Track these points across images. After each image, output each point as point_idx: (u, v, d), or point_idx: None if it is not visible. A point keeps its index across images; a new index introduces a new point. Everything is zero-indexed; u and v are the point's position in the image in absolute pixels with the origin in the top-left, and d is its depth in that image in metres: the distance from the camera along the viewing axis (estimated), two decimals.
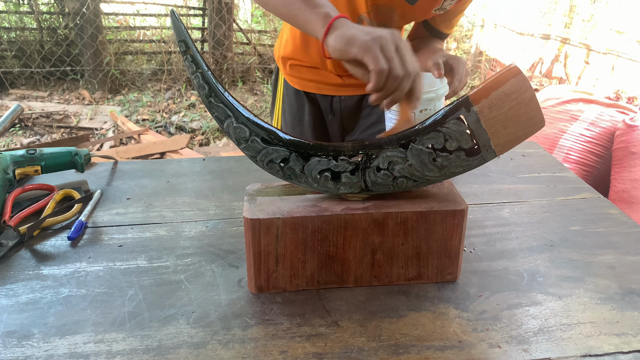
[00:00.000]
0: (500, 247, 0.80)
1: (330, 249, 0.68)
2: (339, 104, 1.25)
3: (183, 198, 0.95)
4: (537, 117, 0.63)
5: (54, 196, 0.89)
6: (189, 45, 0.65)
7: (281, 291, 0.70)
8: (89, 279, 0.72)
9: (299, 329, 0.63)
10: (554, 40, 4.42)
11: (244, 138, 0.67)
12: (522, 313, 0.66)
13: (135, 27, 5.06)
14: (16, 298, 0.68)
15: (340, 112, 1.26)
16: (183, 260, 0.76)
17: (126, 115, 3.97)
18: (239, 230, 0.84)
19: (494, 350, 0.60)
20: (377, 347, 0.60)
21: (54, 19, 4.72)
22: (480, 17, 4.78)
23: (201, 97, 0.67)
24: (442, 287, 0.71)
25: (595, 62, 4.30)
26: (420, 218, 0.67)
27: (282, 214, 0.66)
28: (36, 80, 4.47)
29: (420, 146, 0.65)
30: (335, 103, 1.25)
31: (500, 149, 0.65)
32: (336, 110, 1.26)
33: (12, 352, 0.59)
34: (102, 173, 1.05)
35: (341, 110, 1.26)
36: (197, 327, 0.63)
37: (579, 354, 0.60)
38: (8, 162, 0.91)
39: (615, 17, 4.09)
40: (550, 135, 2.27)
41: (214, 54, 4.66)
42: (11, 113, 1.10)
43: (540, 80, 4.66)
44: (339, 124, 1.28)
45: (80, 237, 0.82)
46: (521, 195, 0.96)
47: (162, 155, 3.18)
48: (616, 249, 0.80)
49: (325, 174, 0.67)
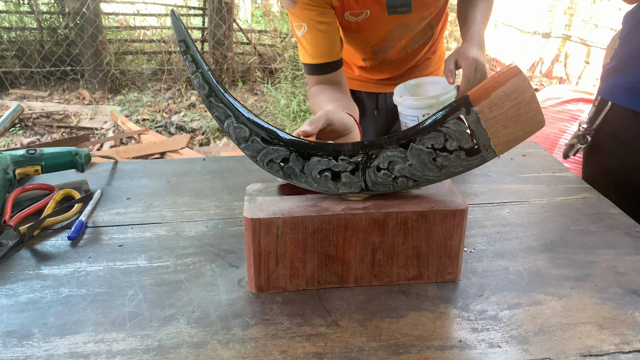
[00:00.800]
0: (500, 247, 0.80)
1: (330, 249, 0.68)
2: (384, 100, 1.30)
3: (183, 198, 0.95)
4: (537, 117, 0.63)
5: (54, 196, 0.89)
6: (189, 45, 0.65)
7: (281, 291, 0.70)
8: (89, 278, 0.72)
9: (299, 329, 0.63)
10: (554, 38, 4.42)
11: (244, 138, 0.67)
12: (522, 313, 0.66)
13: (135, 27, 5.07)
14: (16, 298, 0.68)
15: (385, 108, 1.30)
16: (183, 260, 0.76)
17: (126, 115, 3.97)
18: (239, 230, 0.84)
19: (494, 350, 0.60)
20: (377, 347, 0.60)
21: (54, 18, 4.73)
22: None
23: (201, 97, 0.67)
24: (442, 287, 0.71)
25: (595, 62, 4.30)
26: (420, 218, 0.67)
27: (282, 214, 0.66)
28: (36, 80, 4.47)
29: (420, 146, 0.65)
30: (381, 100, 1.30)
31: (501, 149, 0.65)
32: (381, 107, 1.31)
33: (13, 351, 0.59)
34: (102, 173, 1.05)
35: (386, 107, 1.30)
36: (197, 326, 0.63)
37: (579, 354, 0.60)
38: (8, 162, 0.91)
39: (614, 17, 4.09)
40: (550, 135, 2.27)
41: (214, 54, 4.66)
42: (11, 113, 1.10)
43: (540, 80, 4.66)
44: (384, 120, 1.31)
45: (80, 237, 0.82)
46: (521, 195, 0.96)
47: (162, 155, 3.18)
48: (616, 249, 0.80)
49: (325, 174, 0.67)
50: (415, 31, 1.12)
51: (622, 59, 1.06)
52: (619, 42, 1.08)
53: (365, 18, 1.03)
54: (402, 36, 1.11)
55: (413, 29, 1.11)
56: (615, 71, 1.07)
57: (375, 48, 1.15)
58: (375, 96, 1.30)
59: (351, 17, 1.03)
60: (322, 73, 1.06)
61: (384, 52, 1.16)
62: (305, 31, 1.02)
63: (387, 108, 1.30)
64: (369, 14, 1.02)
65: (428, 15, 1.10)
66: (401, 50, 1.17)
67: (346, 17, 1.03)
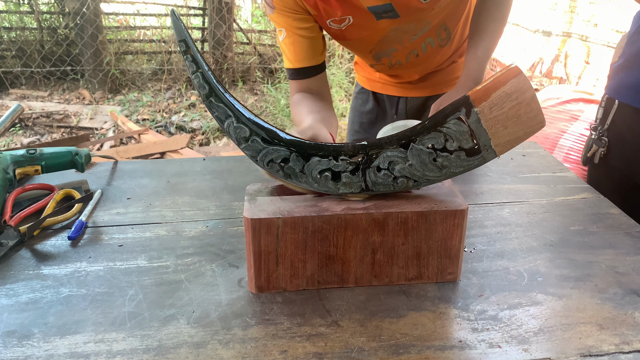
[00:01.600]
0: (501, 247, 0.80)
1: (330, 249, 0.68)
2: (405, 104, 1.30)
3: (183, 198, 0.95)
4: (537, 117, 0.63)
5: (54, 196, 0.89)
6: (189, 45, 0.65)
7: (281, 291, 0.70)
8: (89, 278, 0.72)
9: (299, 329, 0.63)
10: (555, 36, 4.42)
11: (245, 138, 0.67)
12: (522, 313, 0.66)
13: (135, 27, 5.07)
14: (16, 298, 0.68)
15: (405, 112, 1.31)
16: (183, 260, 0.76)
17: (126, 115, 3.97)
18: (239, 230, 0.84)
19: (494, 350, 0.60)
20: (377, 347, 0.60)
21: (54, 18, 4.73)
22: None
23: (201, 97, 0.67)
24: (442, 287, 0.71)
25: (595, 62, 4.30)
26: (420, 218, 0.67)
27: (282, 214, 0.66)
28: (36, 80, 4.47)
29: (420, 146, 0.65)
30: (401, 104, 1.30)
31: (501, 149, 0.65)
32: (401, 110, 1.31)
33: (13, 351, 0.59)
34: (102, 173, 1.05)
35: (406, 111, 1.30)
36: (198, 326, 0.63)
37: (579, 354, 0.60)
38: (8, 161, 0.91)
39: (615, 17, 4.09)
40: (550, 135, 2.27)
41: (214, 54, 4.66)
42: (11, 113, 1.10)
43: (540, 80, 4.66)
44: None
45: (80, 236, 0.82)
46: (521, 195, 0.96)
47: (162, 155, 3.18)
48: (616, 249, 0.80)
49: (325, 174, 0.67)
50: (418, 34, 1.11)
51: (629, 57, 1.06)
52: (626, 40, 1.09)
53: (349, 25, 1.02)
54: (401, 40, 1.11)
55: (413, 32, 1.09)
56: (623, 69, 1.08)
57: (374, 54, 1.15)
58: (397, 100, 1.30)
59: (334, 24, 1.02)
60: (302, 77, 1.06)
61: (387, 56, 1.15)
62: (285, 36, 1.03)
63: (406, 113, 1.30)
64: (352, 21, 1.01)
65: (428, 17, 1.08)
66: (409, 53, 1.16)
67: (329, 25, 1.03)
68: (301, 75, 1.06)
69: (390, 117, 1.33)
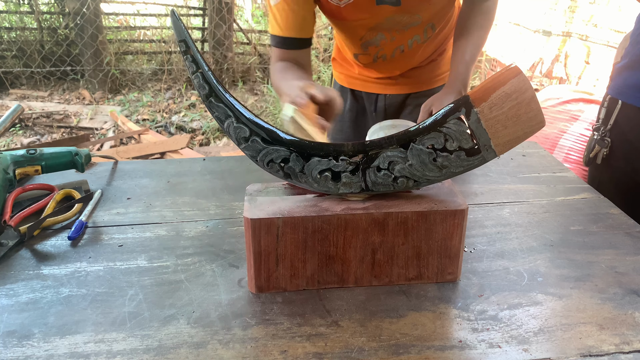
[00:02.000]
0: (500, 247, 0.80)
1: (330, 249, 0.68)
2: (384, 102, 1.29)
3: (183, 198, 0.95)
4: (537, 117, 0.63)
5: (54, 196, 0.89)
6: (189, 45, 0.65)
7: (281, 291, 0.70)
8: (89, 278, 0.72)
9: (299, 329, 0.63)
10: (555, 36, 4.41)
11: (245, 138, 0.67)
12: (522, 313, 0.66)
13: (135, 27, 5.07)
14: (16, 298, 0.68)
15: (384, 109, 1.30)
16: (183, 260, 0.76)
17: (126, 115, 3.97)
18: (239, 230, 0.84)
19: (494, 350, 0.60)
20: (377, 347, 0.60)
21: (54, 18, 4.73)
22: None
23: (201, 97, 0.67)
24: (442, 287, 0.71)
25: (596, 62, 4.30)
26: (420, 218, 0.67)
27: (282, 214, 0.66)
28: (36, 80, 4.47)
29: (420, 146, 0.65)
30: (380, 101, 1.30)
31: (501, 149, 0.65)
32: (380, 108, 1.31)
33: (13, 351, 0.59)
34: (102, 173, 1.05)
35: (385, 108, 1.30)
36: (198, 327, 0.63)
37: (579, 354, 0.60)
38: (8, 162, 0.91)
39: (614, 17, 4.09)
40: (551, 135, 2.26)
41: (214, 54, 4.66)
42: (11, 113, 1.10)
43: (540, 80, 4.66)
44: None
45: (80, 237, 0.82)
46: (521, 195, 0.96)
47: (162, 155, 3.18)
48: (616, 249, 0.80)
49: (325, 174, 0.67)
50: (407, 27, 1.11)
51: (632, 57, 1.06)
52: (629, 40, 1.09)
53: (348, 3, 1.02)
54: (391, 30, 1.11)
55: (404, 24, 1.10)
56: (626, 69, 1.08)
57: (364, 41, 1.15)
58: (375, 97, 1.30)
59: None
60: (289, 47, 1.04)
61: (375, 44, 1.15)
62: (278, 1, 1.00)
63: (385, 110, 1.30)
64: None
65: (421, 12, 1.09)
66: (395, 48, 1.16)
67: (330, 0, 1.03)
68: (288, 44, 1.04)
69: (369, 115, 1.32)
